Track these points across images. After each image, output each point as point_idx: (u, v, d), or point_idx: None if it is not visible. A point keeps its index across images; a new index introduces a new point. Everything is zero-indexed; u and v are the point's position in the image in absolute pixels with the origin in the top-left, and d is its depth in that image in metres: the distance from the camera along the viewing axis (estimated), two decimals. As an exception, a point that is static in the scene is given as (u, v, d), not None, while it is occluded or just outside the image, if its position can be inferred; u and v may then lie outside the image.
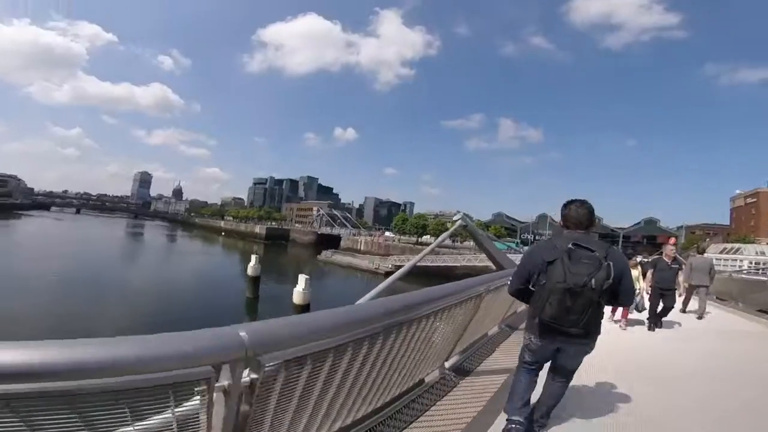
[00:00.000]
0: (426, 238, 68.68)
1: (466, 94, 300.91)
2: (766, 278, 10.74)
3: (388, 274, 43.16)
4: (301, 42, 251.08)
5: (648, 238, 77.82)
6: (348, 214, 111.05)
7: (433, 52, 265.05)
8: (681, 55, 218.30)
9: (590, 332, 2.21)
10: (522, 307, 5.37)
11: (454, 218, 8.25)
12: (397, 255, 50.90)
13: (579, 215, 2.30)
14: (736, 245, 50.19)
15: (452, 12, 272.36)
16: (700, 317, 7.68)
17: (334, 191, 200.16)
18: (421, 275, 40.73)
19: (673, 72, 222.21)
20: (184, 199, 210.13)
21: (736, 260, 44.57)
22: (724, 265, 44.06)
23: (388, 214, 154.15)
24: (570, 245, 2.15)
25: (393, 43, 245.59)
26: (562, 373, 2.44)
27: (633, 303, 5.06)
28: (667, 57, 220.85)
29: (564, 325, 2.11)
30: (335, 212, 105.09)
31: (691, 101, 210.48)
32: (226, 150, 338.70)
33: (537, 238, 72.21)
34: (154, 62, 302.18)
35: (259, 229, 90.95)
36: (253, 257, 29.26)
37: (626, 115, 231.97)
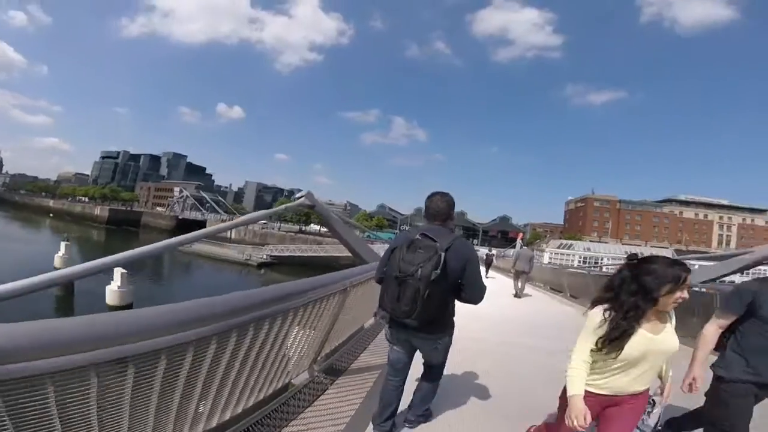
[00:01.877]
0: (312, 227, 65.16)
1: (368, 87, 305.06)
2: (584, 271, 13.46)
3: (263, 265, 38.86)
4: (197, 10, 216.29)
5: (502, 233, 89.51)
6: (221, 199, 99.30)
7: (345, 41, 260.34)
8: (551, 74, 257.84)
9: (431, 326, 2.12)
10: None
11: (296, 195, 6.13)
12: (275, 244, 46.18)
13: (435, 207, 2.24)
14: (569, 242, 60.59)
15: (372, 4, 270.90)
16: (516, 295, 10.03)
17: (207, 172, 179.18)
18: (302, 266, 37.73)
19: (540, 88, 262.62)
20: (3, 172, 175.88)
21: (569, 254, 54.09)
22: (560, 259, 54.29)
23: (273, 201, 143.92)
24: (418, 235, 2.10)
25: (305, 26, 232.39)
26: (427, 368, 2.43)
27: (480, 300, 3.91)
28: (541, 74, 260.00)
29: (398, 316, 2.06)
30: (204, 195, 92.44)
31: (548, 116, 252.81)
32: (74, 119, 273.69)
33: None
34: (3, 17, 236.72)
35: (99, 210, 74.26)
36: (63, 245, 23.56)
37: (496, 124, 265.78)
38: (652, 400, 1.78)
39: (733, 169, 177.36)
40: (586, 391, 1.59)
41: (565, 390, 1.64)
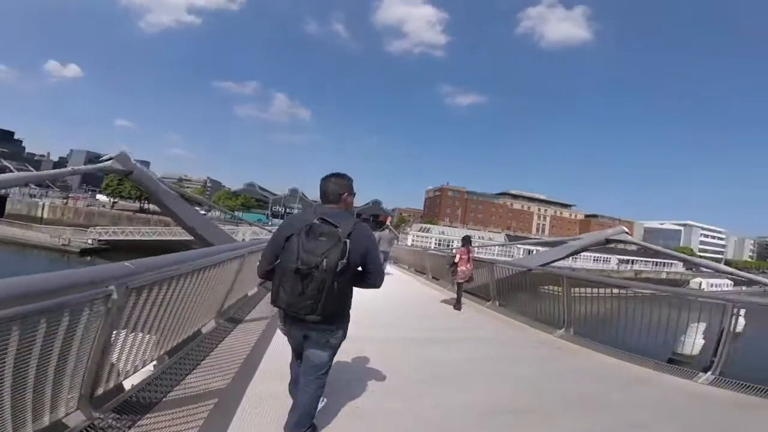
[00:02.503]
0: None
1: (252, 58, 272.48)
2: (444, 254, 14.07)
3: (88, 252, 30.86)
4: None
5: (373, 216, 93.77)
6: (31, 169, 75.49)
7: (234, 8, 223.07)
8: (431, 72, 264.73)
9: (333, 319, 1.94)
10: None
11: (103, 158, 4.67)
12: (106, 226, 37.35)
13: (333, 188, 2.09)
14: (428, 226, 67.52)
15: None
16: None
17: (16, 137, 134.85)
18: (143, 251, 31.12)
19: (421, 84, 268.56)
20: None
21: (428, 237, 60.31)
22: (421, 241, 60.27)
23: (106, 174, 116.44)
24: (316, 220, 1.91)
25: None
26: (308, 368, 2.09)
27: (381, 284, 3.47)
28: (423, 71, 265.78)
29: (300, 312, 1.84)
30: (8, 164, 69.24)
31: (423, 111, 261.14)
32: None
33: (288, 212, 72.76)
34: None
35: None
36: None
37: (379, 112, 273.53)
38: None
39: (549, 170, 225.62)
40: None
41: None
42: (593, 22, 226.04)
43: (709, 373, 3.84)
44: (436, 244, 54.22)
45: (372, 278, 2.07)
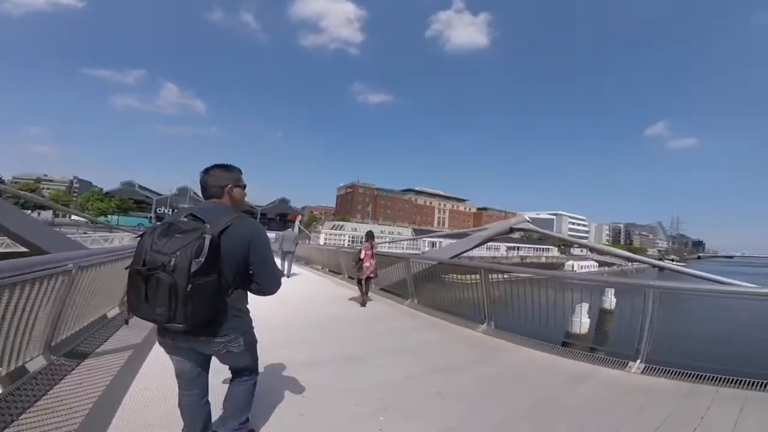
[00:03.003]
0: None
1: (140, 45, 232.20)
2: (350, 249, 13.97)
3: None
4: None
5: (281, 215, 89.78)
6: None
7: None
8: (345, 69, 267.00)
9: (214, 327, 1.69)
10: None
11: None
12: None
13: (208, 181, 1.85)
14: (341, 223, 66.78)
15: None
16: (288, 276, 10.02)
17: None
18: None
19: (333, 81, 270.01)
20: None
21: (341, 235, 59.54)
22: (334, 239, 59.22)
23: None
24: (183, 216, 1.71)
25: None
26: (235, 370, 1.99)
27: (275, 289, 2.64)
28: (337, 67, 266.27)
29: (158, 321, 1.56)
30: None
31: (334, 107, 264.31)
32: None
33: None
34: None
35: None
36: None
37: (286, 107, 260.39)
38: None
39: (447, 167, 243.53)
40: None
41: None
42: (492, 29, 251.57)
43: (639, 361, 3.81)
44: (349, 241, 53.77)
45: (261, 282, 1.81)
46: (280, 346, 3.99)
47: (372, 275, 7.34)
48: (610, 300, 15.00)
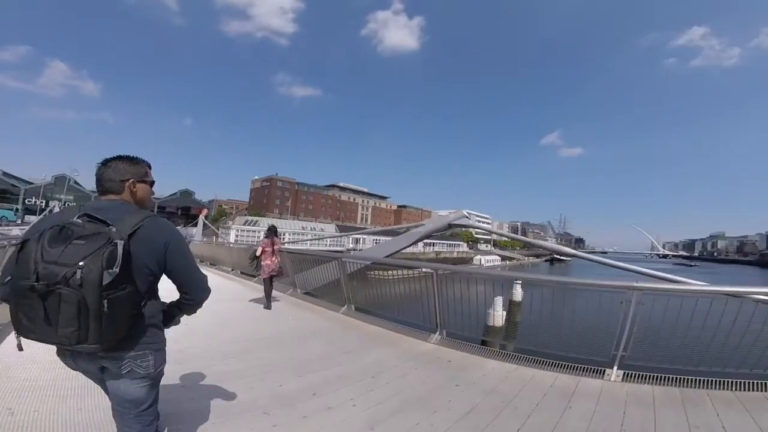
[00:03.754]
0: None
1: (28, 17, 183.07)
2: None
3: None
4: None
5: (183, 209, 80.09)
6: None
7: None
8: (271, 59, 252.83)
9: (127, 344, 1.44)
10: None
11: None
12: None
13: (105, 174, 1.55)
14: (255, 218, 62.18)
15: None
16: None
17: None
18: None
19: (255, 70, 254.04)
20: None
21: (255, 231, 55.26)
22: (247, 235, 54.70)
23: None
24: (76, 217, 1.38)
25: None
26: (123, 402, 1.52)
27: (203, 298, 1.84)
28: (261, 56, 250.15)
29: (64, 344, 1.32)
30: None
31: (252, 97, 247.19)
32: None
33: (61, 206, 52.78)
34: None
35: None
36: None
37: (197, 93, 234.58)
38: None
39: (371, 165, 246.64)
40: None
41: None
42: (424, 34, 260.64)
43: (615, 368, 3.48)
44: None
45: (189, 292, 1.59)
46: (183, 388, 2.74)
47: (275, 274, 6.74)
48: (518, 292, 16.02)
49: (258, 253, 6.78)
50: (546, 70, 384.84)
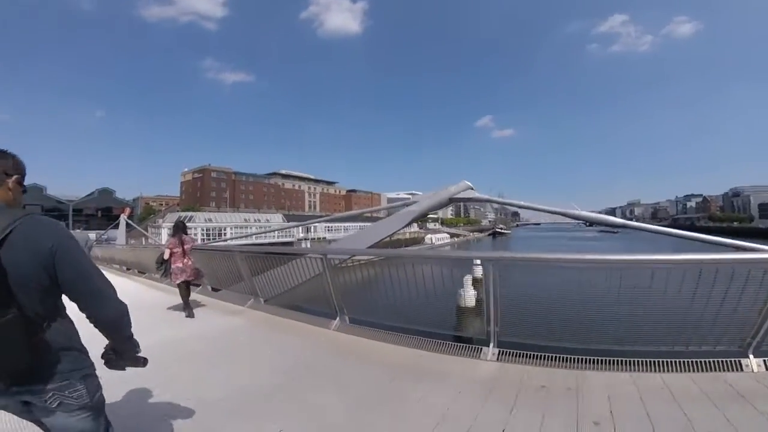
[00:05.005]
0: None
1: None
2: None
3: None
4: None
5: (104, 210, 70.81)
6: None
7: None
8: (196, 44, 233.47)
9: (39, 373, 1.24)
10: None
11: None
12: None
13: None
14: (189, 213, 55.98)
15: None
16: None
17: None
18: None
19: (177, 55, 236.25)
20: None
21: (191, 228, 49.61)
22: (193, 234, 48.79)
23: None
24: None
25: None
26: None
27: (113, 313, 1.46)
28: (184, 41, 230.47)
29: None
30: None
31: (174, 84, 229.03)
32: None
33: None
34: None
35: None
36: None
37: (111, 83, 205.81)
38: None
39: (316, 151, 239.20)
40: None
41: None
42: (367, 18, 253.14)
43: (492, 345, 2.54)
44: (203, 235, 45.19)
45: (88, 306, 1.30)
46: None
47: (190, 279, 5.87)
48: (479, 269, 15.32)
49: (165, 256, 5.83)
50: (481, 56, 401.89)
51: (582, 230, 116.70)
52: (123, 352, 1.46)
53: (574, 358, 3.02)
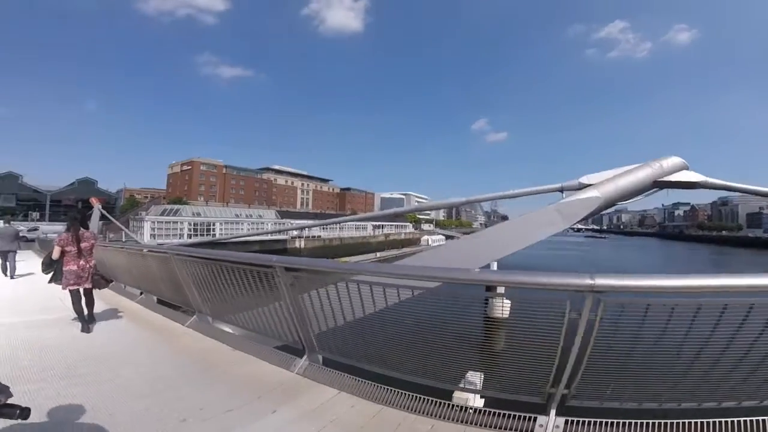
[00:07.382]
0: None
1: None
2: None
3: None
4: None
5: (84, 202, 66.53)
6: None
7: None
8: (194, 37, 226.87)
9: None
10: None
11: None
12: None
13: None
14: (176, 207, 52.38)
15: None
16: (12, 277, 9.33)
17: None
18: None
19: (174, 49, 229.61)
20: None
21: (177, 222, 46.16)
22: (168, 228, 45.47)
23: None
24: None
25: None
26: None
27: None
28: (182, 35, 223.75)
29: None
30: None
31: (168, 77, 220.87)
32: None
33: None
34: None
35: None
36: None
37: (104, 74, 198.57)
38: None
39: (310, 148, 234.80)
40: None
41: None
42: (368, 15, 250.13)
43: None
44: (190, 230, 41.87)
45: None
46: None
47: (88, 286, 4.71)
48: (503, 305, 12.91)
49: (54, 255, 4.68)
50: (481, 58, 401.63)
51: (572, 235, 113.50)
52: None
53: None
